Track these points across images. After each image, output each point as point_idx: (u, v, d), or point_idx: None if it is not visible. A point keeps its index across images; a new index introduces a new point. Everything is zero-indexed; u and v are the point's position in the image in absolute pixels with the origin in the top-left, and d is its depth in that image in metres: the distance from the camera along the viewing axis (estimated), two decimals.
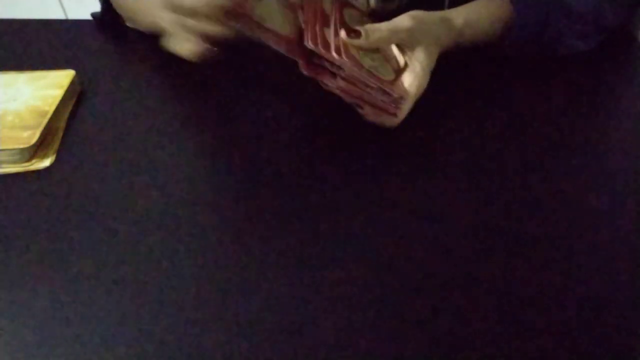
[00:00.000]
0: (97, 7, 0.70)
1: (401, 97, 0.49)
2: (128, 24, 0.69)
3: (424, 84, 0.52)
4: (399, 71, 0.51)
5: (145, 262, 0.39)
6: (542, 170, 0.48)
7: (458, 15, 0.57)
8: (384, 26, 0.50)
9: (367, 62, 0.49)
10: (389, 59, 0.52)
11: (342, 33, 0.48)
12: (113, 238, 0.41)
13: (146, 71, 0.63)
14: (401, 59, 0.52)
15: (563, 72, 0.62)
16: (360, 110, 0.51)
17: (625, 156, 0.51)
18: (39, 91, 0.54)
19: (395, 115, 0.50)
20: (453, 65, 0.55)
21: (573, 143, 0.52)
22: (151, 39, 0.66)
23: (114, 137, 0.52)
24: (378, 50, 0.51)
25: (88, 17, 0.70)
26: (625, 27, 0.68)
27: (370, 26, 0.49)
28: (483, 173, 0.48)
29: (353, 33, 0.49)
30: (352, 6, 0.56)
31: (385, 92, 0.49)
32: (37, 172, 0.47)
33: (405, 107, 0.51)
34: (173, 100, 0.58)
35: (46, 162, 0.48)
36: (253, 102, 0.57)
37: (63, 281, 0.38)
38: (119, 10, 0.68)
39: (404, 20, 0.51)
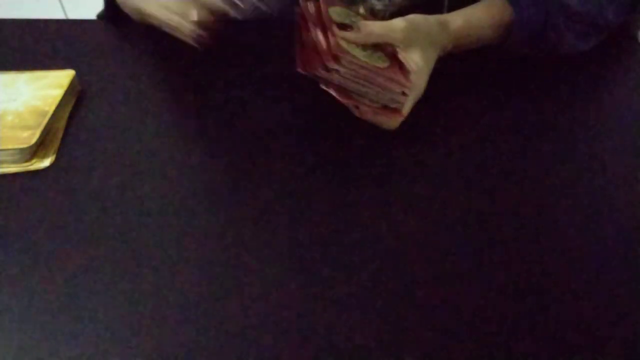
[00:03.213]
0: (97, 7, 0.70)
1: (402, 93, 0.49)
2: (134, 17, 0.68)
3: (421, 85, 0.52)
4: (394, 59, 0.51)
5: (145, 262, 0.39)
6: (542, 169, 0.48)
7: (456, 19, 0.57)
8: (377, 23, 0.50)
9: (358, 52, 0.48)
10: (380, 47, 0.52)
11: (335, 29, 0.48)
12: (113, 238, 0.41)
13: (146, 71, 0.63)
14: (394, 50, 0.52)
15: (563, 72, 0.62)
16: (356, 111, 0.51)
17: (625, 155, 0.51)
18: (39, 91, 0.54)
19: (394, 111, 0.50)
20: (453, 65, 0.55)
21: (573, 142, 0.52)
22: (151, 39, 0.66)
23: (114, 137, 0.52)
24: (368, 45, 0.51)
25: (88, 17, 0.70)
26: (625, 27, 0.68)
27: (363, 22, 0.50)
28: (483, 172, 0.48)
29: (344, 28, 0.49)
30: (335, 3, 0.56)
31: (384, 86, 0.48)
32: (37, 172, 0.47)
33: (407, 105, 0.50)
34: (173, 100, 0.58)
35: (46, 162, 0.48)
36: (253, 103, 0.57)
37: (63, 281, 0.38)
38: (123, 6, 0.67)
39: (398, 22, 0.51)
